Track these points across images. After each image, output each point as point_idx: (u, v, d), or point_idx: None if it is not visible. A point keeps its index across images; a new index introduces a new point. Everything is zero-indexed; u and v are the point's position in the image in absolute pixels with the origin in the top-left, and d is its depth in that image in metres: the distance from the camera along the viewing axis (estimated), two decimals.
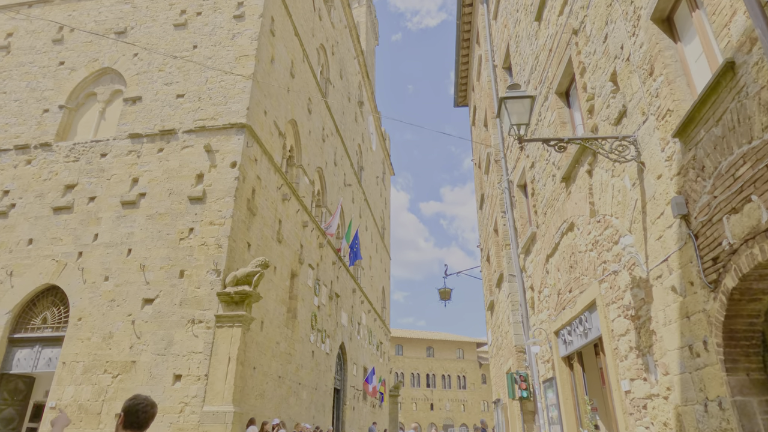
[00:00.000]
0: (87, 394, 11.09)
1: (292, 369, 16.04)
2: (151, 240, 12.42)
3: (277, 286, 15.11)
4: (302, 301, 17.34)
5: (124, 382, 11.04)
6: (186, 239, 12.27)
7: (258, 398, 13.21)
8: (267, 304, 14.17)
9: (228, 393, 10.53)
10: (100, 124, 14.88)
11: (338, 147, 24.20)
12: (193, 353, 11.04)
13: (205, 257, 11.96)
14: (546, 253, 7.62)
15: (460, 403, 67.37)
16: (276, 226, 15.27)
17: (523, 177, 9.28)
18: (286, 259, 16.04)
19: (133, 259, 12.29)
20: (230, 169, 12.88)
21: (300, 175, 18.18)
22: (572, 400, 6.81)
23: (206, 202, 12.59)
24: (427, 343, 69.04)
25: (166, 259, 12.12)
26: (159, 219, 12.65)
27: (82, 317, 11.90)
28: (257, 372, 13.22)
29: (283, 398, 15.12)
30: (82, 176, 13.68)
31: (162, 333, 11.36)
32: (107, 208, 13.07)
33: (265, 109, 14.80)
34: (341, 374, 23.12)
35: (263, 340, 13.73)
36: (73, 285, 12.32)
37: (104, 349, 11.46)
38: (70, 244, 12.80)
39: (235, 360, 10.83)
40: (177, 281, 11.84)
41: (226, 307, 11.41)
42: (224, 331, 11.13)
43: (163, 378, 10.91)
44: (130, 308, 11.75)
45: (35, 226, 13.24)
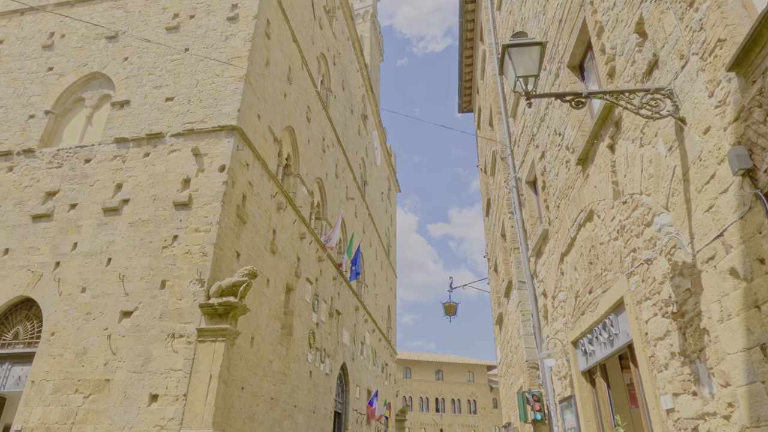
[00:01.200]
0: (56, 416, 10.11)
1: (287, 390, 14.95)
2: (133, 248, 11.58)
3: (271, 300, 14.14)
4: (299, 317, 16.33)
5: (96, 402, 10.06)
6: (169, 247, 11.42)
7: (246, 421, 12.13)
8: (258, 318, 13.19)
9: (208, 415, 9.51)
10: (86, 129, 14.23)
11: (340, 159, 23.46)
12: (171, 371, 10.07)
13: (188, 266, 11.08)
14: (560, 252, 6.65)
15: (471, 428, 65.08)
16: (269, 236, 14.39)
17: (532, 171, 8.35)
18: (281, 272, 15.10)
19: (112, 269, 11.44)
20: (218, 173, 12.08)
21: (297, 184, 17.38)
22: (595, 422, 5.74)
23: (192, 208, 11.77)
24: (435, 366, 67.17)
25: (147, 269, 11.25)
26: (142, 226, 11.83)
27: (56, 332, 11.01)
28: (246, 392, 12.17)
29: (276, 422, 14.00)
30: (65, 183, 12.95)
31: (139, 348, 10.41)
32: (88, 215, 12.29)
33: (258, 112, 14.08)
34: (343, 397, 21.90)
35: (253, 358, 12.71)
36: (48, 297, 11.47)
37: (77, 366, 10.52)
38: (48, 254, 12.00)
39: (217, 378, 9.83)
40: (158, 292, 10.94)
41: (209, 320, 10.46)
42: (206, 346, 10.16)
43: (139, 398, 9.92)
44: (107, 322, 10.84)
45: (12, 235, 12.47)
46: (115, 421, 9.79)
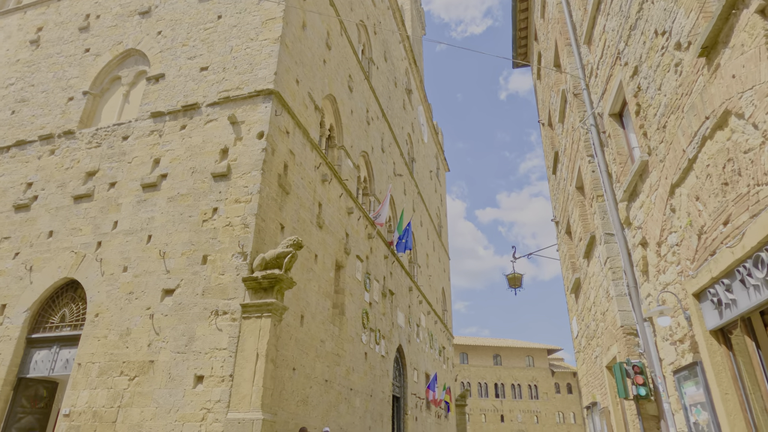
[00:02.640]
0: (102, 399, 9.63)
1: (342, 372, 14.11)
2: (173, 224, 10.95)
3: (320, 276, 13.28)
4: (351, 296, 15.44)
5: (141, 385, 9.50)
6: (209, 221, 10.70)
7: (300, 405, 11.34)
8: (308, 296, 12.35)
9: (256, 397, 8.71)
10: (124, 107, 13.78)
11: (386, 133, 22.32)
12: (216, 350, 9.34)
13: (230, 239, 10.31)
14: (669, 183, 5.24)
15: (533, 414, 63.03)
16: (315, 209, 13.49)
17: (619, 97, 6.90)
18: (329, 248, 14.21)
19: (153, 246, 10.86)
20: (257, 141, 11.24)
21: (342, 157, 16.40)
22: (737, 395, 4.37)
23: (231, 179, 10.99)
24: (493, 350, 65.37)
25: (188, 244, 10.59)
26: (181, 200, 11.18)
27: (99, 313, 10.55)
28: (298, 374, 11.37)
29: (332, 405, 13.19)
30: (104, 161, 12.52)
31: (182, 327, 9.76)
32: (127, 192, 11.78)
33: (296, 77, 13.14)
34: (400, 380, 20.97)
35: (304, 337, 11.89)
36: (91, 278, 11.04)
37: (121, 347, 10.00)
38: (90, 234, 11.59)
39: (264, 357, 9.01)
40: (199, 268, 10.25)
41: (254, 294, 9.65)
42: (251, 322, 9.35)
43: (183, 380, 9.27)
44: (149, 301, 10.27)
45: (56, 218, 12.16)
46: (160, 403, 9.18)
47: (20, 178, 13.20)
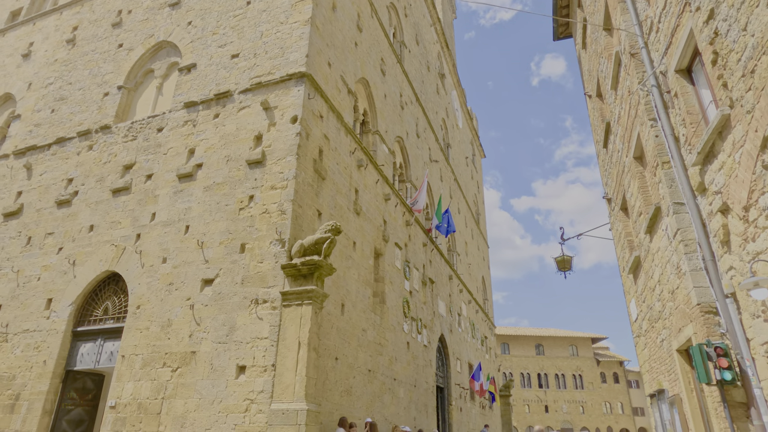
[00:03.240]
0: (146, 391, 9.56)
1: (385, 362, 13.75)
2: (210, 213, 10.78)
3: (359, 264, 12.92)
4: (390, 284, 15.04)
5: (183, 376, 9.37)
6: (246, 208, 10.46)
7: (344, 395, 11.04)
8: (347, 284, 12.01)
9: (299, 387, 8.41)
10: (157, 99, 13.73)
11: (420, 118, 21.74)
12: (257, 339, 9.10)
13: (267, 227, 10.05)
14: (762, 135, 4.55)
15: (578, 404, 61.44)
16: (352, 195, 13.12)
17: (687, 50, 6.18)
18: (367, 235, 13.82)
19: (191, 236, 10.72)
20: (291, 125, 10.91)
21: (377, 142, 15.96)
22: None
23: (266, 165, 10.72)
24: (535, 340, 64.00)
25: (225, 233, 10.39)
26: (217, 189, 10.99)
27: (141, 304, 10.50)
28: (341, 364, 11.06)
29: (376, 396, 12.85)
30: (140, 154, 12.49)
31: (223, 317, 9.56)
32: (164, 184, 11.69)
33: (328, 60, 12.75)
34: (443, 370, 20.49)
35: (345, 326, 11.57)
36: (131, 270, 11.01)
37: (163, 339, 9.91)
38: (129, 227, 11.56)
39: (306, 345, 8.70)
40: (238, 257, 10.03)
41: (293, 281, 9.35)
42: (292, 310, 9.06)
43: (226, 370, 9.07)
44: (189, 291, 10.13)
45: (96, 212, 12.22)
46: (203, 395, 9.01)
47: (61, 174, 13.35)
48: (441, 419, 19.26)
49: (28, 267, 12.30)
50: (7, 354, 11.35)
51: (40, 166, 13.86)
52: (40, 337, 11.18)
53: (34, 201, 13.29)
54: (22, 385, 10.79)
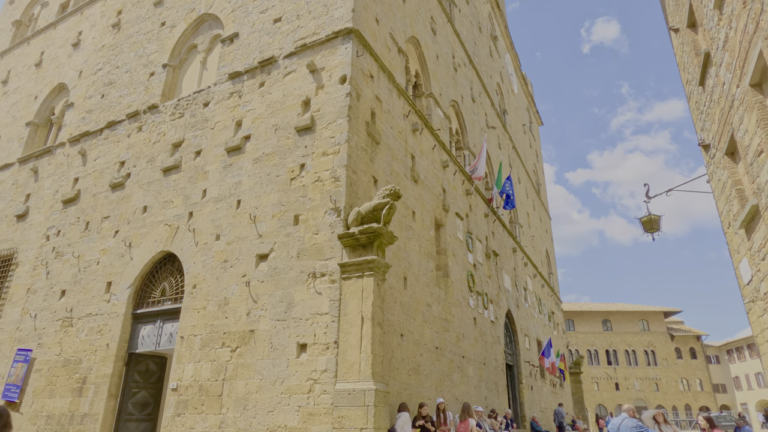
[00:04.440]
0: (206, 372, 9.16)
1: (452, 339, 12.87)
2: (260, 186, 10.18)
3: (419, 235, 12.03)
4: (453, 257, 14.07)
5: (243, 356, 8.87)
6: (297, 178, 9.77)
7: (412, 374, 10.27)
8: (409, 256, 11.17)
9: (365, 365, 7.68)
10: (202, 74, 13.28)
11: (474, 81, 20.38)
12: (317, 315, 8.43)
13: (321, 196, 9.31)
14: None
15: (652, 381, 58.39)
16: (408, 161, 12.19)
17: None
18: (427, 204, 12.88)
19: (243, 211, 10.18)
20: (339, 86, 10.07)
21: (431, 106, 14.88)
22: None
23: (316, 130, 9.96)
24: (602, 315, 61.18)
25: (277, 205, 9.76)
26: (266, 160, 10.37)
27: (197, 284, 10.10)
28: (406, 340, 10.28)
29: (445, 374, 12.02)
30: (188, 131, 12.08)
31: (280, 293, 8.96)
32: (213, 159, 11.21)
33: (376, 15, 11.77)
34: (512, 347, 19.40)
35: (409, 301, 10.75)
36: (186, 249, 10.64)
37: (221, 318, 9.46)
38: (181, 206, 11.20)
39: (369, 320, 7.94)
40: (292, 229, 9.38)
41: (352, 252, 8.58)
42: (352, 283, 8.31)
43: (286, 349, 8.48)
44: (244, 268, 9.60)
45: (148, 192, 11.95)
46: (264, 375, 8.48)
47: (114, 158, 13.21)
48: (512, 398, 18.25)
49: (87, 252, 12.26)
50: (73, 338, 11.35)
51: (93, 151, 13.81)
52: (102, 321, 11.09)
53: (89, 186, 13.25)
54: (88, 369, 10.74)
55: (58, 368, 11.22)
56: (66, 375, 11.02)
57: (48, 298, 12.35)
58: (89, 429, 10.09)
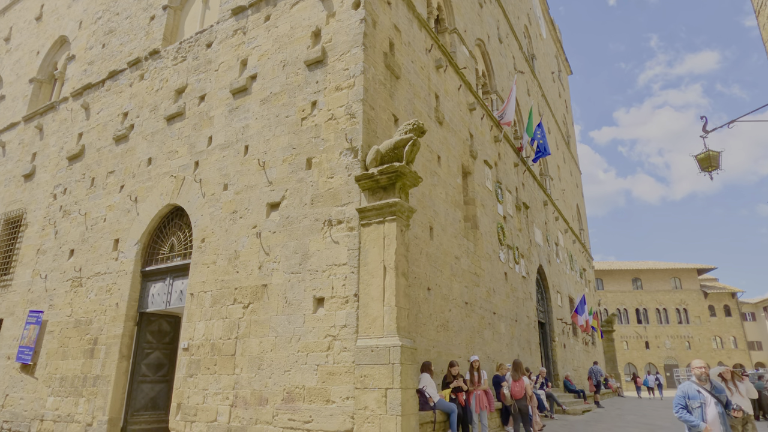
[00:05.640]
0: (218, 330, 8.48)
1: (482, 294, 11.98)
2: (269, 128, 9.22)
3: (445, 182, 10.99)
4: (482, 208, 13.02)
5: (256, 312, 8.13)
6: (309, 117, 8.77)
7: (441, 330, 9.45)
8: (435, 204, 10.18)
9: (389, 319, 6.83)
10: (204, 13, 12.19)
11: (501, 20, 18.76)
12: (335, 266, 7.58)
13: (335, 135, 8.31)
14: None
15: (683, 339, 57.14)
16: (432, 101, 11.04)
17: None
18: (453, 149, 11.78)
19: (251, 157, 9.27)
20: (353, 12, 8.90)
21: (456, 42, 13.54)
22: None
23: (328, 63, 8.87)
24: (632, 274, 59.62)
25: (288, 149, 8.81)
26: (274, 100, 9.36)
27: (205, 237, 9.34)
28: (434, 295, 9.41)
29: (476, 331, 11.19)
30: (191, 75, 11.11)
31: (293, 244, 8.12)
32: (218, 103, 10.26)
33: None
34: (543, 304, 18.48)
35: (436, 253, 9.83)
36: (193, 201, 9.85)
37: (231, 273, 8.70)
38: (186, 156, 10.35)
39: (393, 270, 7.04)
40: (304, 174, 8.45)
41: (371, 195, 7.63)
42: (372, 229, 7.39)
43: (302, 303, 7.69)
44: (254, 218, 8.77)
45: (152, 143, 11.13)
46: (279, 332, 7.73)
47: (116, 109, 12.38)
48: (544, 356, 17.46)
49: (94, 209, 11.61)
50: (83, 298, 10.83)
51: (96, 104, 13.00)
52: (111, 280, 10.50)
53: (94, 141, 12.51)
54: (99, 330, 10.22)
55: (70, 329, 10.75)
56: (77, 336, 10.55)
57: (57, 258, 11.83)
58: (102, 391, 9.63)
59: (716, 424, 5.23)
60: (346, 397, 6.81)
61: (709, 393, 5.36)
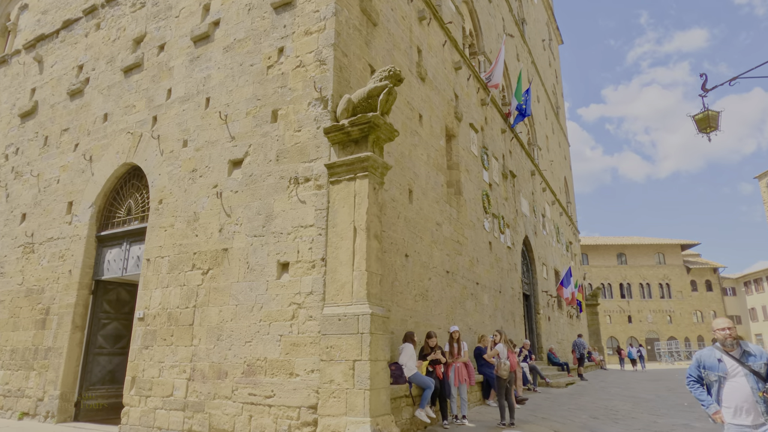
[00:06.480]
0: (175, 298, 7.77)
1: (465, 263, 11.39)
2: (232, 79, 8.35)
3: (427, 143, 10.25)
4: (467, 173, 12.34)
5: (216, 279, 7.43)
6: (275, 65, 7.92)
7: (419, 299, 8.84)
8: (415, 165, 9.46)
9: (359, 285, 6.17)
10: None
11: None
12: (300, 228, 6.87)
13: (303, 84, 7.50)
14: None
15: (665, 314, 57.88)
16: (413, 55, 10.21)
17: None
18: (436, 109, 11.01)
19: (212, 110, 8.42)
20: None
21: None
22: None
23: (297, 5, 7.99)
24: (616, 249, 59.85)
25: (252, 100, 7.98)
26: (239, 48, 8.47)
27: (163, 198, 8.54)
28: (412, 262, 8.78)
29: (457, 302, 10.63)
30: (150, 23, 10.11)
31: (257, 205, 7.38)
32: (178, 52, 9.33)
33: None
34: (529, 276, 18.04)
35: (415, 217, 9.15)
36: (150, 160, 9.01)
37: (190, 236, 7.95)
38: (144, 110, 9.46)
39: (364, 231, 6.35)
40: (269, 128, 7.65)
41: (342, 150, 6.88)
42: (342, 187, 6.66)
43: (265, 269, 6.99)
44: (215, 177, 7.98)
45: (109, 98, 10.19)
46: (240, 300, 7.05)
47: (71, 62, 11.36)
48: (528, 329, 17.09)
49: (47, 169, 10.71)
50: (35, 265, 10.03)
51: (50, 56, 11.93)
52: (64, 245, 9.69)
53: (47, 96, 11.50)
54: (51, 299, 9.46)
55: (21, 299, 9.97)
56: (29, 306, 9.78)
57: (9, 223, 10.96)
58: (54, 364, 8.92)
59: (743, 404, 3.76)
60: (311, 369, 6.18)
61: (738, 361, 3.85)
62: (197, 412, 6.95)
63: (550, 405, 10.53)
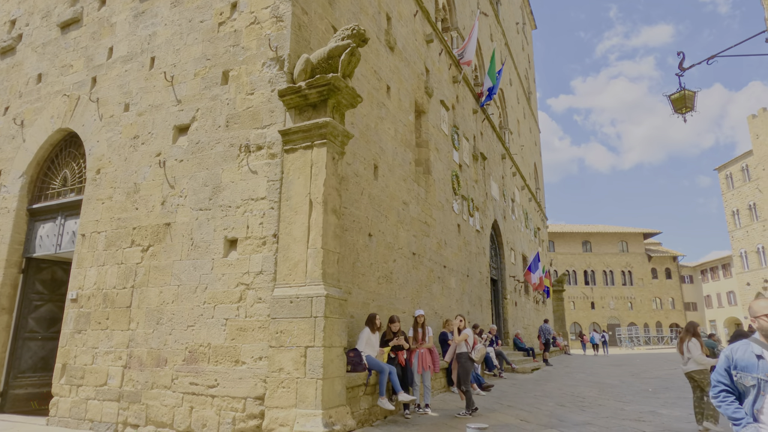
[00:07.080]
0: (112, 278, 7.01)
1: (432, 245, 10.92)
2: (179, 37, 7.53)
3: (395, 117, 9.65)
4: (436, 152, 11.81)
5: (157, 257, 6.70)
6: (228, 22, 7.14)
7: (382, 282, 8.31)
8: (381, 139, 8.86)
9: (314, 264, 5.57)
10: None
11: None
12: (251, 201, 6.20)
13: (257, 43, 6.76)
14: None
15: (626, 300, 59.40)
16: (382, 21, 9.54)
17: None
18: (405, 82, 10.40)
19: (157, 70, 7.59)
20: None
21: None
22: None
23: None
24: (582, 237, 60.89)
25: (201, 60, 7.19)
26: (188, 2, 7.64)
27: (101, 167, 7.71)
28: (376, 243, 8.22)
29: (423, 285, 10.16)
30: None
31: (203, 175, 6.66)
32: (122, 7, 8.40)
33: None
34: (497, 261, 17.78)
35: (381, 195, 8.58)
36: (88, 125, 8.12)
37: (130, 210, 7.17)
38: (82, 70, 8.52)
39: (320, 205, 5.74)
40: (219, 90, 6.90)
41: (298, 115, 6.21)
42: (298, 156, 6.01)
43: (210, 245, 6.31)
44: (159, 144, 7.20)
45: (43, 56, 9.18)
46: (183, 280, 6.36)
47: (3, 16, 10.22)
48: (495, 314, 16.86)
49: None
50: None
51: None
52: None
53: None
54: None
55: None
56: None
57: None
58: None
59: None
60: (259, 357, 5.58)
61: None
62: (133, 403, 6.27)
63: (516, 392, 10.24)
